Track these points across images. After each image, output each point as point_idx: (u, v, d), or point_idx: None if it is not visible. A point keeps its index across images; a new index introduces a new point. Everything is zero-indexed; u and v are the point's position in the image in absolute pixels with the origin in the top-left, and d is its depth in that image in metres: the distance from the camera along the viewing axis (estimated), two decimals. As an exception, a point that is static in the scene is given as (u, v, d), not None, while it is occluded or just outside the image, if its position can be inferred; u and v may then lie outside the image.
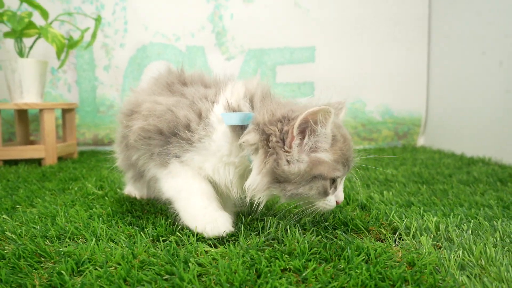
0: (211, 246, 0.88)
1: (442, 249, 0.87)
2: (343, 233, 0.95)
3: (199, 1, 2.68)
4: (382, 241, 0.93)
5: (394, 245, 0.91)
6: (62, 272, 0.73)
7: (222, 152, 0.95)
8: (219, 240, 0.90)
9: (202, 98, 0.98)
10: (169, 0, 2.66)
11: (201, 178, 0.98)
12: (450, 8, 2.54)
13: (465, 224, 1.00)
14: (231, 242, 0.90)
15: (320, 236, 0.93)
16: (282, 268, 0.77)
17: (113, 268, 0.77)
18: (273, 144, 0.88)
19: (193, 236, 0.91)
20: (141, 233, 0.94)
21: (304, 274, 0.73)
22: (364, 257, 0.80)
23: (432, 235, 0.94)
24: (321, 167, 0.89)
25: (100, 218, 1.06)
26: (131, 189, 1.35)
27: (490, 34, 2.16)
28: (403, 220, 1.02)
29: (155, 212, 1.13)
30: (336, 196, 0.94)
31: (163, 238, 0.92)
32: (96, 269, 0.76)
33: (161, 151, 0.98)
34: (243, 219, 1.04)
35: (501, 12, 2.07)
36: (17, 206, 1.22)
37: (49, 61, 2.39)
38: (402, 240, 0.93)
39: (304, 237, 0.91)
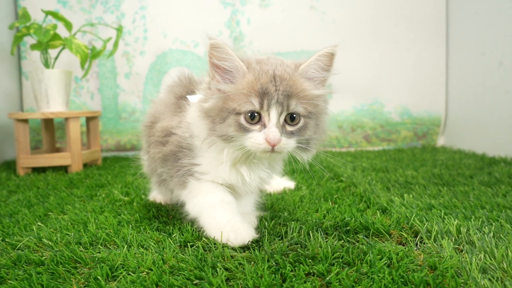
0: (236, 251, 0.91)
1: (463, 252, 0.88)
2: (364, 237, 0.97)
3: (216, 7, 2.73)
4: (403, 245, 0.95)
5: (415, 248, 0.92)
6: (98, 277, 0.78)
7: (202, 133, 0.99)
8: (244, 247, 0.93)
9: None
10: (187, 7, 2.72)
11: (220, 190, 1.04)
12: (468, 7, 2.52)
13: (486, 227, 1.01)
14: (255, 247, 0.93)
15: (342, 241, 0.96)
16: (306, 272, 0.79)
17: (145, 273, 0.81)
18: (204, 88, 0.98)
19: (219, 242, 0.94)
20: (169, 239, 0.98)
21: (328, 278, 0.76)
22: (386, 261, 0.82)
23: (453, 238, 0.96)
24: (230, 102, 0.91)
25: (129, 225, 1.10)
26: (155, 195, 1.39)
27: (510, 32, 2.14)
28: (424, 224, 1.04)
29: (181, 217, 1.17)
30: (265, 134, 0.90)
31: (190, 243, 0.96)
32: (129, 274, 0.80)
33: (177, 169, 1.05)
34: (266, 224, 1.07)
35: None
36: (49, 213, 1.28)
37: (73, 70, 2.47)
38: (424, 243, 0.95)
39: (326, 241, 0.93)
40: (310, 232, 0.99)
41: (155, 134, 1.12)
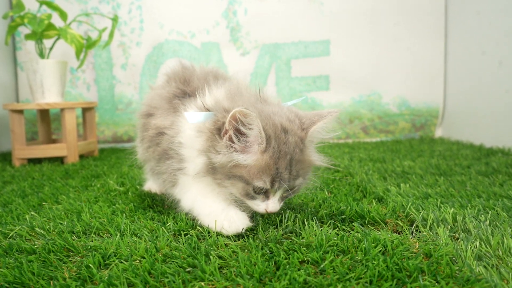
0: (230, 240, 0.90)
1: (459, 240, 0.88)
2: (360, 226, 0.97)
3: (213, -3, 2.71)
4: (399, 233, 0.95)
5: (411, 236, 0.92)
6: (90, 265, 0.77)
7: (191, 152, 0.97)
8: (239, 236, 0.93)
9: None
10: (183, -2, 2.69)
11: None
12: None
13: (482, 215, 1.01)
14: (250, 235, 0.92)
15: (337, 229, 0.95)
16: (300, 260, 0.79)
17: (138, 261, 0.80)
18: (212, 130, 0.91)
19: (213, 231, 0.93)
20: (163, 227, 0.97)
21: (322, 266, 0.75)
22: (381, 248, 0.81)
23: (449, 226, 0.95)
24: (241, 169, 0.89)
25: (123, 214, 1.10)
26: (151, 185, 1.39)
27: (508, 22, 2.13)
28: (420, 212, 1.03)
29: (175, 207, 1.16)
30: (266, 205, 0.92)
31: (184, 232, 0.95)
32: (121, 262, 0.79)
33: (167, 168, 1.04)
34: (261, 213, 1.06)
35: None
36: (43, 203, 1.27)
37: (68, 61, 2.45)
38: (419, 231, 0.94)
39: (321, 229, 0.92)
40: (305, 220, 0.98)
41: (149, 131, 1.11)
